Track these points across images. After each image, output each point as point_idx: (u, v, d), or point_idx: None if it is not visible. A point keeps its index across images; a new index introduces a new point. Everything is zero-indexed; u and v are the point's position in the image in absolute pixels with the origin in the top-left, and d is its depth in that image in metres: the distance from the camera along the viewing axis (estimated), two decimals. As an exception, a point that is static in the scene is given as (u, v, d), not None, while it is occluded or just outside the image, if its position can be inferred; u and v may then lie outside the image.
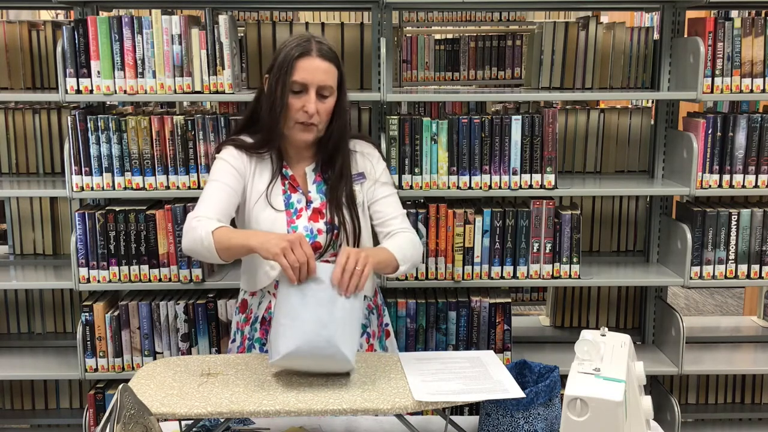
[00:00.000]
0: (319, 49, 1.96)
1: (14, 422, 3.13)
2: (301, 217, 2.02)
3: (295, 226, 2.01)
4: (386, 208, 2.08)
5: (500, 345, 2.75)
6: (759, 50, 2.64)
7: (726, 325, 3.52)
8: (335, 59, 1.98)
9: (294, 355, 1.65)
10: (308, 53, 1.94)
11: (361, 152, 2.10)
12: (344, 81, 2.02)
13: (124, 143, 2.60)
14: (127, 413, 1.40)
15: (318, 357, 1.65)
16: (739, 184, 2.72)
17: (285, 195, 2.03)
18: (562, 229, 2.70)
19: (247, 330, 2.10)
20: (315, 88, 1.94)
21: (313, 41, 1.97)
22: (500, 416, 1.60)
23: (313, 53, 1.95)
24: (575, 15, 4.29)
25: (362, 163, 2.09)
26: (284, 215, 2.01)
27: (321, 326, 1.66)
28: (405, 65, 4.77)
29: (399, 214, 2.09)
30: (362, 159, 2.09)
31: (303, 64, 1.94)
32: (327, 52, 1.97)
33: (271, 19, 4.66)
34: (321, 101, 1.96)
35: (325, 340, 1.64)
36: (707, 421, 3.17)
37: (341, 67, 2.00)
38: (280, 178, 2.04)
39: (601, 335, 1.60)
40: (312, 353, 1.64)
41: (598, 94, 2.95)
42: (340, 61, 2.00)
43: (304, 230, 2.00)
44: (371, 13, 2.77)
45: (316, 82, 1.94)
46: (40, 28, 2.92)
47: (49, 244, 3.06)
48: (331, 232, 2.01)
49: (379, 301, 2.22)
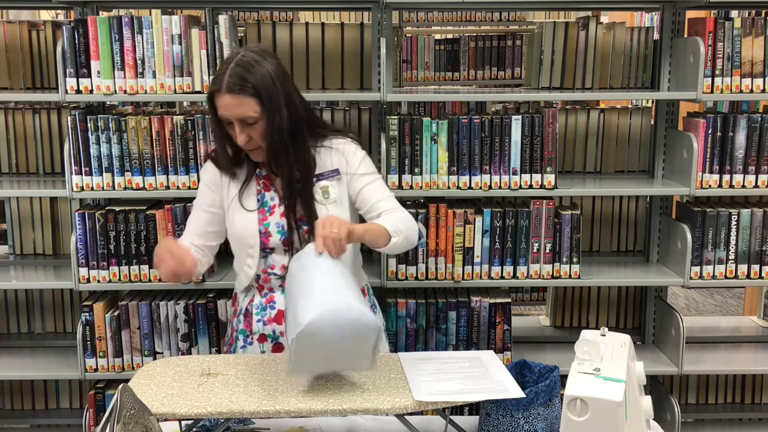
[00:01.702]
0: (228, 84, 1.89)
1: (14, 422, 3.13)
2: (274, 214, 2.05)
3: (267, 223, 2.04)
4: (370, 195, 2.06)
5: (500, 345, 2.75)
6: (759, 50, 2.64)
7: (726, 325, 3.52)
8: (248, 88, 1.89)
9: (317, 325, 1.56)
10: (219, 91, 1.91)
11: (336, 149, 2.08)
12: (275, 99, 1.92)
13: (124, 143, 2.60)
14: (127, 413, 1.40)
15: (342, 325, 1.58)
16: (739, 184, 2.72)
17: (259, 194, 2.07)
18: (562, 229, 2.70)
19: (235, 322, 2.15)
20: (237, 121, 1.93)
21: (227, 73, 1.90)
22: (500, 416, 1.60)
23: (222, 90, 1.90)
24: (575, 15, 4.29)
25: (337, 159, 2.07)
26: (256, 214, 2.04)
27: (337, 290, 1.64)
28: (405, 65, 4.77)
29: (384, 196, 2.06)
30: (337, 155, 2.07)
31: (218, 102, 1.93)
32: (237, 85, 1.89)
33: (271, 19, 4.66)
34: (250, 128, 1.94)
35: (345, 303, 1.61)
36: (707, 421, 3.17)
37: (261, 91, 1.90)
38: (254, 178, 2.07)
39: (601, 335, 1.60)
40: (336, 320, 1.57)
41: (598, 94, 2.95)
42: (257, 87, 1.90)
43: (276, 227, 2.04)
44: (371, 13, 2.77)
45: (233, 116, 1.92)
46: (40, 28, 2.92)
47: (49, 244, 3.06)
48: (303, 228, 2.02)
49: (368, 302, 2.22)
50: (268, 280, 2.08)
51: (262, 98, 1.91)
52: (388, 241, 1.91)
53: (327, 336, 1.58)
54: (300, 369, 1.63)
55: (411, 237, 1.99)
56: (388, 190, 2.10)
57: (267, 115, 1.92)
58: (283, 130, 1.94)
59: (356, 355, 1.63)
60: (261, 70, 1.91)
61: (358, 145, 2.12)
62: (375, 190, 2.06)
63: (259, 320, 2.08)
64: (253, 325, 2.09)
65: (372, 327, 1.62)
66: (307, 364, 1.62)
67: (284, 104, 1.94)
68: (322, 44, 2.87)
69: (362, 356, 1.63)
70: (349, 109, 2.94)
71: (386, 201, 2.04)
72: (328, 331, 1.57)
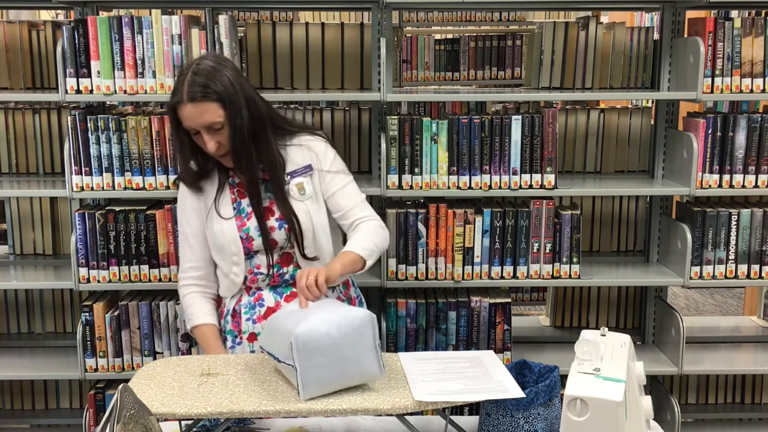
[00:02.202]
0: (189, 93, 1.92)
1: (14, 422, 3.13)
2: (252, 219, 2.07)
3: (247, 228, 2.07)
4: (342, 201, 2.10)
5: (500, 345, 2.75)
6: (759, 50, 2.64)
7: (726, 325, 3.52)
8: (210, 94, 1.92)
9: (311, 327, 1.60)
10: (181, 102, 1.94)
11: (306, 146, 2.12)
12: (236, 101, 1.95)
13: (124, 143, 2.60)
14: (127, 413, 1.40)
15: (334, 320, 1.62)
16: (739, 184, 2.72)
17: (235, 203, 2.09)
18: (562, 229, 2.70)
19: (221, 323, 2.16)
20: (204, 129, 1.96)
21: (185, 83, 1.93)
22: (500, 416, 1.60)
23: (184, 101, 1.93)
24: (575, 15, 4.29)
25: (308, 155, 2.11)
26: (233, 222, 2.07)
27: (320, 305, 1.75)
28: (405, 65, 4.77)
29: (356, 203, 2.11)
30: (308, 152, 2.11)
31: (182, 113, 1.95)
32: (198, 93, 1.92)
33: (271, 19, 4.66)
34: (217, 134, 1.97)
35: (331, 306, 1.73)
36: (707, 421, 3.17)
37: (223, 94, 1.93)
38: (227, 187, 2.09)
39: (601, 335, 1.60)
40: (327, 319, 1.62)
41: (598, 94, 2.95)
42: (218, 92, 1.93)
43: (255, 230, 2.06)
44: (371, 13, 2.77)
45: (199, 124, 1.95)
46: (40, 28, 2.91)
47: (49, 244, 3.06)
48: (284, 227, 2.06)
49: (352, 294, 2.25)
50: (255, 280, 2.10)
51: (224, 102, 1.94)
52: (363, 266, 1.99)
53: (323, 335, 1.60)
54: (310, 383, 1.58)
55: (383, 246, 2.09)
56: (359, 194, 2.14)
57: (229, 118, 1.95)
58: (245, 131, 1.97)
59: (360, 353, 1.61)
60: (219, 75, 1.95)
61: (328, 144, 2.16)
62: (347, 195, 2.11)
63: (249, 319, 2.10)
64: (242, 324, 2.10)
65: (364, 317, 1.64)
66: (314, 375, 1.59)
67: (245, 106, 1.97)
68: (322, 44, 2.87)
69: (366, 354, 1.62)
70: (349, 109, 2.94)
71: (358, 207, 2.10)
72: (322, 329, 1.60)
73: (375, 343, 1.63)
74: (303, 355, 1.58)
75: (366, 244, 2.01)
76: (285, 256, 2.09)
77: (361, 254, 1.98)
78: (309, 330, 1.60)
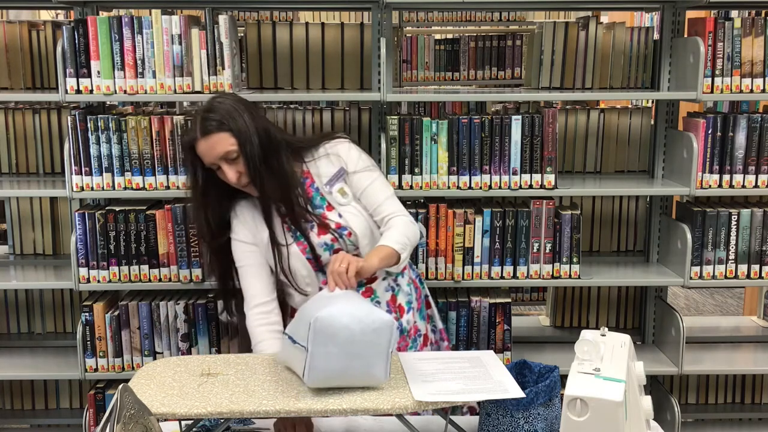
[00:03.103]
0: (201, 129, 2.01)
1: (14, 422, 3.13)
2: (310, 238, 2.11)
3: (308, 249, 2.11)
4: (372, 197, 2.14)
5: (500, 345, 2.75)
6: (759, 50, 2.64)
7: (726, 325, 3.52)
8: (216, 126, 2.01)
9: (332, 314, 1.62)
10: (195, 139, 2.03)
11: (331, 153, 2.16)
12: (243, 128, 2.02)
13: (124, 143, 2.60)
14: (127, 413, 1.40)
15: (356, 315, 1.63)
16: (739, 184, 2.72)
17: (290, 230, 2.12)
18: (562, 229, 2.70)
19: None
20: (222, 161, 2.02)
21: (197, 121, 2.03)
22: (500, 416, 1.60)
23: (198, 137, 2.02)
24: (575, 15, 4.29)
25: (336, 160, 2.15)
26: (295, 247, 2.11)
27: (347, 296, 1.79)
28: (405, 65, 4.77)
29: (387, 196, 2.15)
30: (335, 157, 2.15)
31: (199, 150, 2.03)
32: (208, 125, 2.01)
33: (271, 19, 4.66)
34: (234, 164, 2.03)
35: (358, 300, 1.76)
36: (707, 421, 3.17)
37: (230, 124, 2.01)
38: (276, 217, 2.12)
39: (601, 335, 1.60)
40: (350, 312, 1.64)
41: (598, 94, 2.95)
42: (224, 122, 2.01)
43: (318, 246, 2.10)
44: (371, 13, 2.77)
45: (217, 156, 2.02)
46: (40, 28, 2.91)
47: (49, 244, 3.06)
48: (343, 234, 2.10)
49: (413, 275, 2.29)
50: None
51: (232, 130, 2.01)
52: (398, 260, 2.03)
53: (342, 326, 1.60)
54: (316, 369, 1.59)
55: (415, 241, 2.13)
56: (389, 188, 2.19)
57: (240, 146, 2.02)
58: (257, 157, 2.03)
59: (371, 355, 1.61)
60: (223, 106, 2.05)
61: (350, 143, 2.19)
62: (377, 191, 2.15)
63: None
64: None
65: (386, 320, 1.64)
66: (323, 363, 1.59)
67: (254, 133, 2.03)
68: (322, 44, 2.87)
69: (377, 357, 1.61)
70: (349, 109, 2.94)
71: (389, 203, 2.14)
72: (344, 320, 1.61)
73: (388, 349, 1.63)
74: (318, 339, 1.59)
75: (399, 238, 2.05)
76: None
77: (396, 248, 2.02)
78: (330, 317, 1.62)
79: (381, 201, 2.14)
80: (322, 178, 2.14)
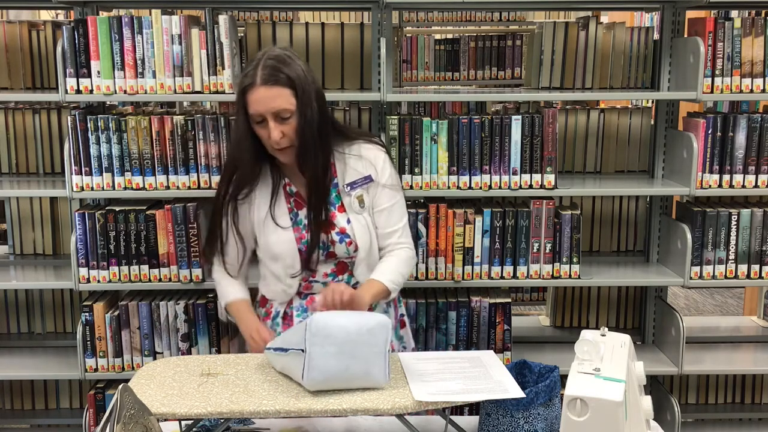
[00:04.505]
0: (263, 76, 1.89)
1: (14, 422, 3.13)
2: (311, 232, 2.02)
3: (306, 240, 2.02)
4: (388, 219, 2.07)
5: (500, 345, 2.75)
6: (759, 50, 2.64)
7: (726, 325, 3.52)
8: (284, 80, 1.89)
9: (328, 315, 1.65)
10: (253, 84, 1.89)
11: (365, 156, 2.07)
12: (307, 92, 1.92)
13: (124, 143, 2.60)
14: (127, 413, 1.40)
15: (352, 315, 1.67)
16: (739, 184, 2.72)
17: (292, 213, 2.04)
18: (562, 229, 2.70)
19: (269, 324, 2.11)
20: (271, 117, 1.90)
21: (259, 66, 1.90)
22: (500, 416, 1.60)
23: (257, 83, 1.89)
24: (575, 15, 4.29)
25: (368, 165, 2.06)
26: (290, 232, 2.02)
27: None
28: (405, 65, 4.77)
29: (400, 226, 2.09)
30: (368, 162, 2.06)
31: (251, 96, 1.90)
32: (273, 76, 1.89)
33: (271, 19, 4.66)
34: (283, 123, 1.91)
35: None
36: (707, 421, 3.17)
37: (296, 82, 1.91)
38: (284, 195, 2.04)
39: (601, 335, 1.60)
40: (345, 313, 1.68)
41: (598, 94, 2.95)
42: (293, 79, 1.90)
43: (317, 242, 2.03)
44: (371, 13, 2.77)
45: (269, 110, 1.89)
46: (40, 28, 2.92)
47: (49, 244, 3.06)
48: (345, 240, 2.03)
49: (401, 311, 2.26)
50: (310, 287, 2.07)
51: (296, 90, 1.90)
52: (387, 296, 2.02)
53: (338, 325, 1.61)
54: (316, 369, 1.59)
55: (408, 276, 2.09)
56: (405, 215, 2.12)
57: (300, 108, 1.90)
58: (314, 124, 1.93)
59: (369, 355, 1.61)
60: (293, 63, 1.92)
61: (387, 155, 2.10)
62: (395, 215, 2.08)
63: (301, 321, 2.06)
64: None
65: (382, 321, 1.64)
66: (322, 363, 1.59)
67: (315, 98, 1.94)
68: (322, 44, 2.87)
69: (375, 357, 1.61)
70: (349, 109, 2.94)
71: (399, 233, 2.08)
72: (340, 320, 1.62)
73: (386, 348, 1.63)
74: (316, 339, 1.59)
75: (395, 277, 2.01)
76: (340, 265, 2.06)
77: (389, 287, 1.99)
78: (326, 317, 1.63)
79: (394, 227, 2.07)
80: (346, 176, 2.04)
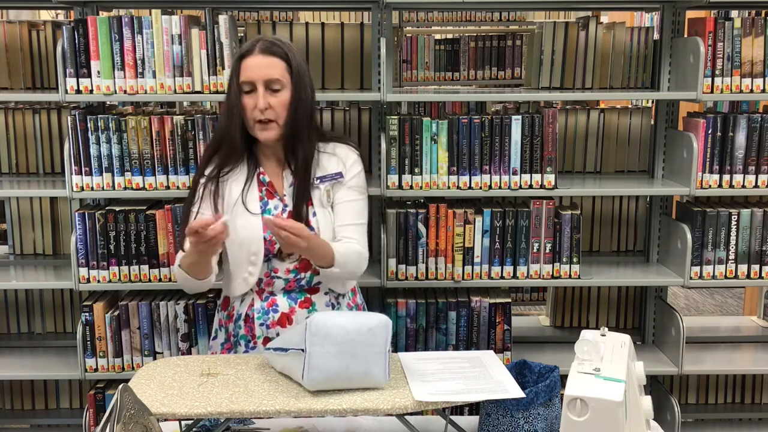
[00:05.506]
0: (261, 46, 1.98)
1: (14, 422, 3.13)
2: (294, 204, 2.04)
3: None
4: (345, 214, 2.08)
5: (500, 345, 2.75)
6: (759, 50, 2.64)
7: (726, 325, 3.52)
8: (282, 54, 1.98)
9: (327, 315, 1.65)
10: (250, 52, 1.98)
11: (338, 155, 2.10)
12: (303, 75, 2.01)
13: (124, 143, 2.60)
14: (127, 413, 1.40)
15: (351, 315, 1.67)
16: (739, 184, 2.72)
17: (262, 201, 2.05)
18: (562, 229, 2.70)
19: (231, 327, 2.12)
20: (262, 84, 1.97)
21: (259, 41, 2.00)
22: (500, 416, 1.60)
23: (255, 51, 1.98)
24: (575, 15, 4.29)
25: (339, 163, 2.09)
26: (259, 219, 2.02)
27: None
28: (405, 65, 4.77)
29: (354, 222, 2.08)
30: (339, 162, 2.09)
31: (246, 63, 1.98)
32: (270, 48, 1.98)
33: (271, 19, 4.66)
34: (273, 95, 1.98)
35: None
36: (707, 421, 3.17)
37: (293, 60, 1.99)
38: (257, 183, 2.06)
39: (601, 335, 1.60)
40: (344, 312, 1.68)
41: (598, 94, 2.95)
42: (290, 55, 1.99)
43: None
44: (371, 13, 2.77)
45: (261, 77, 1.97)
46: (40, 28, 2.92)
47: (49, 244, 3.06)
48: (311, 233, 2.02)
49: (359, 301, 2.24)
50: (271, 284, 2.07)
51: (291, 66, 1.98)
52: (328, 266, 1.97)
53: (337, 324, 1.61)
54: (316, 369, 1.59)
55: (356, 272, 2.07)
56: (364, 217, 2.11)
57: (294, 85, 1.98)
58: (307, 108, 2.01)
59: (369, 354, 1.61)
60: (292, 48, 2.02)
61: (358, 157, 2.13)
62: (353, 211, 2.08)
63: (262, 324, 2.07)
64: (256, 329, 2.07)
65: (381, 320, 1.64)
66: (322, 363, 1.59)
67: (309, 85, 2.02)
68: (322, 44, 2.87)
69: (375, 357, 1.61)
70: (349, 109, 2.94)
71: (356, 229, 2.07)
72: (339, 319, 1.62)
73: (386, 348, 1.63)
74: (315, 339, 1.59)
75: (347, 255, 2.01)
76: (304, 262, 2.05)
77: (337, 258, 1.97)
78: (325, 317, 1.63)
79: (350, 223, 2.07)
80: (317, 171, 2.07)
